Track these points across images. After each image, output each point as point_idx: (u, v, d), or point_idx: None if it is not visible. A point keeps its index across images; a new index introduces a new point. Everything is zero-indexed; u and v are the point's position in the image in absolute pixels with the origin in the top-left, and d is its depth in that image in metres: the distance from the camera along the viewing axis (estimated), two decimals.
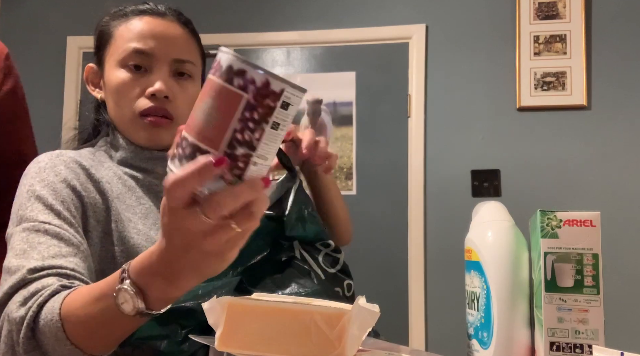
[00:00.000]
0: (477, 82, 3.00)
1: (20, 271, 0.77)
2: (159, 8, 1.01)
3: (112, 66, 0.98)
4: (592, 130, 2.88)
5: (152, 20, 0.98)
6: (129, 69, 0.96)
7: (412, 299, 2.95)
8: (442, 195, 2.98)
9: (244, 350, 0.55)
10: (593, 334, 0.74)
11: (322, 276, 0.91)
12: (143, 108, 0.95)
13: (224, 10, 3.24)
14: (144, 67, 0.96)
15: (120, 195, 0.95)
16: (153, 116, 0.96)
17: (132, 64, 0.96)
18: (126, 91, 0.96)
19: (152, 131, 0.97)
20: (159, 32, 0.97)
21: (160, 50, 0.97)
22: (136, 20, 0.98)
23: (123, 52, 0.96)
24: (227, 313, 0.55)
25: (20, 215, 0.85)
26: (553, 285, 0.76)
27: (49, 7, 3.44)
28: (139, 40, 0.96)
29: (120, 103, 0.97)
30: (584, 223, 0.76)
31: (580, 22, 2.90)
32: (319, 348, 0.53)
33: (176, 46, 0.98)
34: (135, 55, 0.96)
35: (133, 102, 0.96)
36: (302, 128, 1.00)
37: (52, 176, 0.89)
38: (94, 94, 1.05)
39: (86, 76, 1.05)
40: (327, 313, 0.54)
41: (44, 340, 0.71)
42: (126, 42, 0.97)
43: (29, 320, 0.71)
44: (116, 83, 0.97)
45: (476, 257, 0.85)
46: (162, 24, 0.98)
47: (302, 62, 3.21)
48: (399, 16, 3.11)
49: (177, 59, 0.98)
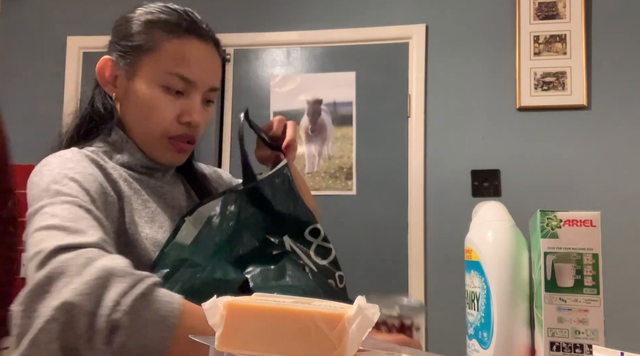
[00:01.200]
0: (477, 82, 3.00)
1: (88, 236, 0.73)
2: (205, 28, 1.00)
3: (148, 81, 0.96)
4: (592, 130, 2.88)
5: (199, 45, 0.98)
6: (165, 90, 0.95)
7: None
8: (442, 195, 2.98)
9: (244, 350, 0.55)
10: (593, 334, 0.74)
11: (315, 270, 0.92)
12: (175, 133, 0.97)
13: (224, 10, 3.24)
14: (181, 89, 0.96)
15: (126, 198, 0.93)
16: (182, 142, 0.98)
17: (174, 89, 0.96)
18: (159, 112, 0.96)
19: (177, 155, 1.00)
20: (204, 62, 0.98)
21: (203, 80, 0.98)
22: (186, 43, 0.96)
23: (167, 75, 0.95)
24: (227, 313, 0.56)
25: (55, 190, 0.81)
26: (553, 285, 0.76)
27: (49, 7, 3.44)
28: (186, 67, 0.96)
29: (149, 121, 0.96)
30: (584, 223, 0.76)
31: (580, 22, 2.90)
32: (319, 348, 0.53)
33: (214, 75, 1.00)
34: (179, 81, 0.96)
35: (164, 124, 0.96)
36: (302, 128, 1.02)
37: (80, 167, 0.88)
38: (106, 90, 1.00)
39: (101, 69, 1.00)
40: (327, 314, 0.54)
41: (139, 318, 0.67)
42: (173, 65, 0.95)
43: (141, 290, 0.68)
44: (150, 101, 0.95)
45: (476, 257, 0.85)
46: (207, 51, 0.99)
47: (302, 62, 3.21)
48: (399, 16, 3.11)
49: (211, 88, 1.00)
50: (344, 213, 3.01)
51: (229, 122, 3.19)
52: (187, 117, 0.97)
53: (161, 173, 1.02)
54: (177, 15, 0.98)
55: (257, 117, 1.05)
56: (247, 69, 3.25)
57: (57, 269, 0.68)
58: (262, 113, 3.15)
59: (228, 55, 3.23)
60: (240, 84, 3.23)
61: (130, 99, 0.98)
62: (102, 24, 3.49)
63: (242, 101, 3.19)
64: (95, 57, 1.02)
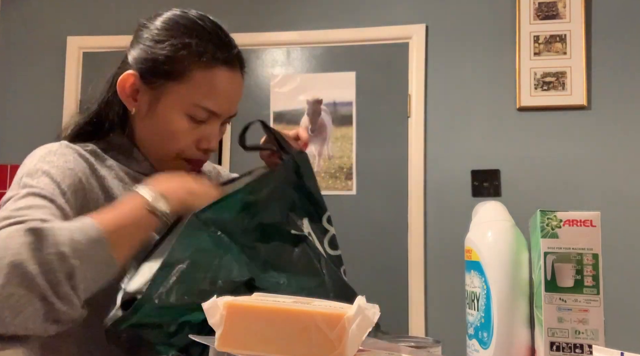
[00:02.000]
0: (477, 82, 3.00)
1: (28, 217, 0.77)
2: (235, 54, 0.99)
3: (173, 107, 0.95)
4: (592, 130, 2.88)
5: (229, 75, 0.97)
6: (191, 120, 0.96)
7: (412, 299, 2.95)
8: (442, 195, 2.98)
9: (244, 350, 0.55)
10: (593, 334, 0.74)
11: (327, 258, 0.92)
12: (191, 157, 0.99)
13: (224, 10, 3.24)
14: (204, 120, 0.97)
15: (116, 196, 0.94)
16: (196, 165, 1.01)
17: (199, 119, 0.96)
18: (179, 137, 0.96)
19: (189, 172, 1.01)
20: (231, 94, 0.99)
21: (227, 111, 0.99)
22: (216, 74, 0.95)
23: (194, 107, 0.95)
24: (227, 313, 0.56)
25: (24, 183, 0.85)
26: (553, 285, 0.76)
27: (49, 7, 3.44)
28: (214, 101, 0.96)
29: (167, 143, 0.97)
30: (584, 223, 0.76)
31: (580, 22, 2.90)
32: (319, 348, 0.53)
33: (237, 104, 1.01)
34: (204, 113, 0.96)
35: (181, 147, 0.97)
36: (302, 129, 1.01)
37: (61, 161, 0.90)
38: (126, 103, 0.98)
39: (124, 84, 0.97)
40: (327, 314, 0.54)
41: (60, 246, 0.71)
42: (201, 97, 0.95)
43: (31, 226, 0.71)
44: (172, 126, 0.96)
45: (476, 257, 0.85)
46: (234, 81, 0.99)
47: (302, 62, 3.21)
48: (399, 16, 3.11)
49: (232, 115, 1.01)
50: (344, 213, 3.01)
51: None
52: (206, 143, 0.98)
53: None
54: (210, 42, 0.95)
55: (257, 117, 1.04)
56: (247, 69, 3.23)
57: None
58: (262, 113, 3.15)
59: None
60: None
61: (151, 119, 0.97)
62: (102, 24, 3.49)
63: (242, 101, 3.19)
64: (95, 57, 1.03)
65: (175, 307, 0.75)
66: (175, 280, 0.75)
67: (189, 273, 0.77)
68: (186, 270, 0.76)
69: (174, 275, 0.76)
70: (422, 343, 0.74)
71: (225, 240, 0.82)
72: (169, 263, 0.76)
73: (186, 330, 0.75)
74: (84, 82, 3.29)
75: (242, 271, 0.81)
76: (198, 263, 0.78)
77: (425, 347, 0.73)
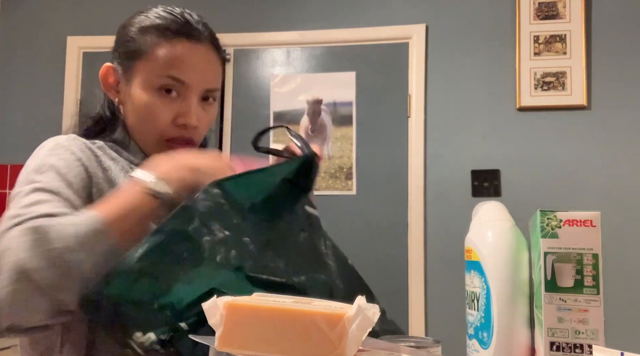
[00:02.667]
0: (477, 82, 3.00)
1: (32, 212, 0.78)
2: (198, 29, 0.99)
3: (142, 85, 0.97)
4: (592, 130, 2.88)
5: (191, 46, 0.98)
6: (161, 93, 0.96)
7: (412, 299, 2.95)
8: (442, 195, 2.98)
9: (244, 350, 0.55)
10: (593, 334, 0.74)
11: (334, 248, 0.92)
12: (171, 136, 0.98)
13: (224, 10, 3.24)
14: (175, 91, 0.97)
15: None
16: (179, 144, 0.99)
17: (165, 89, 0.96)
18: (155, 116, 0.97)
19: None
20: (197, 63, 0.98)
21: (197, 81, 0.98)
22: (176, 45, 0.97)
23: (159, 78, 0.96)
24: (227, 313, 0.56)
25: (31, 178, 0.86)
26: (553, 285, 0.76)
27: (49, 7, 3.44)
28: (177, 68, 0.96)
29: (147, 125, 0.98)
30: (584, 223, 0.76)
31: (580, 22, 2.90)
32: (319, 348, 0.53)
33: (210, 76, 1.00)
34: (172, 82, 0.96)
35: (160, 127, 0.97)
36: (302, 128, 1.01)
37: (67, 154, 0.91)
38: (109, 95, 1.03)
39: (104, 76, 1.02)
40: (327, 314, 0.54)
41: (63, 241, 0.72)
42: (163, 67, 0.96)
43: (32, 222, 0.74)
44: (146, 105, 0.97)
45: (476, 257, 0.85)
46: (200, 52, 0.98)
47: (302, 62, 3.21)
48: (399, 16, 3.11)
49: (208, 89, 1.00)
50: (344, 213, 3.01)
51: (228, 121, 3.19)
52: (182, 119, 0.97)
53: None
54: (171, 19, 0.99)
55: (257, 117, 1.05)
56: (247, 69, 3.25)
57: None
58: (262, 113, 3.15)
59: (228, 55, 3.23)
60: (240, 84, 3.23)
61: (130, 103, 0.99)
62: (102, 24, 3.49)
63: (242, 101, 3.19)
64: (95, 57, 1.04)
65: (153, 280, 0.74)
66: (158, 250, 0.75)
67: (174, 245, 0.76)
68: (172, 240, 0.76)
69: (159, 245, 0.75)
70: (422, 343, 0.74)
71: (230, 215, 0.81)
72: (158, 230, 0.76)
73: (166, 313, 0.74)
74: (84, 82, 3.30)
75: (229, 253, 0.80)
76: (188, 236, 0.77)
77: (425, 347, 0.73)
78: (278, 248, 0.84)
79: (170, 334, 0.73)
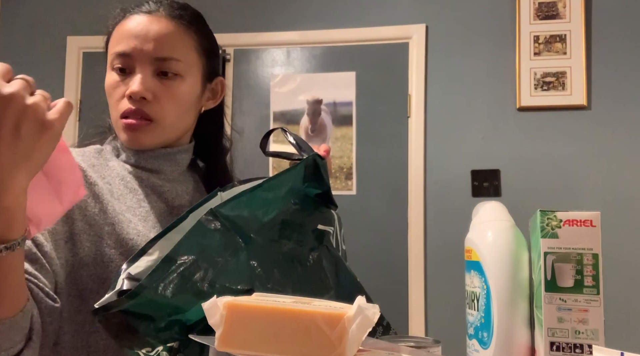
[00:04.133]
0: (477, 82, 3.00)
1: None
2: (151, 4, 0.98)
3: (107, 68, 0.98)
4: (592, 130, 2.88)
5: (138, 18, 0.95)
6: (116, 72, 0.95)
7: (412, 299, 2.95)
8: (442, 195, 2.98)
9: (244, 350, 0.55)
10: (593, 334, 0.74)
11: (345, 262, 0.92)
12: (122, 110, 0.94)
13: (224, 10, 3.24)
14: (127, 68, 0.94)
15: (120, 197, 0.94)
16: (132, 118, 0.93)
17: (117, 67, 0.95)
18: (112, 93, 0.95)
19: (130, 133, 0.94)
20: (139, 31, 0.93)
21: (139, 50, 0.93)
22: (125, 23, 0.96)
23: (111, 56, 0.96)
24: (227, 313, 0.56)
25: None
26: (553, 285, 0.76)
27: (49, 7, 3.44)
28: (121, 42, 0.94)
29: (110, 106, 0.97)
30: (584, 223, 0.76)
31: (580, 22, 2.90)
32: (319, 348, 0.53)
33: (158, 43, 0.93)
34: (118, 58, 0.94)
35: (117, 104, 0.95)
36: (302, 128, 1.01)
37: None
38: None
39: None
40: (327, 314, 0.54)
41: None
42: (114, 45, 0.96)
43: None
44: (106, 86, 0.97)
45: (476, 257, 0.86)
46: (145, 22, 0.94)
47: (302, 62, 3.21)
48: (399, 16, 3.11)
49: (158, 57, 0.93)
50: (344, 213, 3.00)
51: (228, 121, 3.19)
52: (127, 90, 0.93)
53: (165, 173, 1.01)
54: (133, 4, 0.99)
55: (257, 117, 1.05)
56: (247, 69, 3.25)
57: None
58: (262, 113, 3.15)
59: (228, 55, 3.23)
60: (240, 84, 3.23)
61: None
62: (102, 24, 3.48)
63: (242, 101, 3.19)
64: (95, 57, 1.04)
65: (169, 303, 0.74)
66: (175, 276, 0.75)
67: (190, 272, 0.76)
68: (187, 267, 0.76)
69: (175, 270, 0.75)
70: (422, 343, 0.74)
71: (235, 242, 0.80)
72: (171, 258, 0.75)
73: (175, 329, 0.74)
74: (84, 82, 3.30)
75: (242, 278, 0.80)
76: (201, 262, 0.77)
77: (425, 347, 0.73)
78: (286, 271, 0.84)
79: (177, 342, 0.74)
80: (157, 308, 0.73)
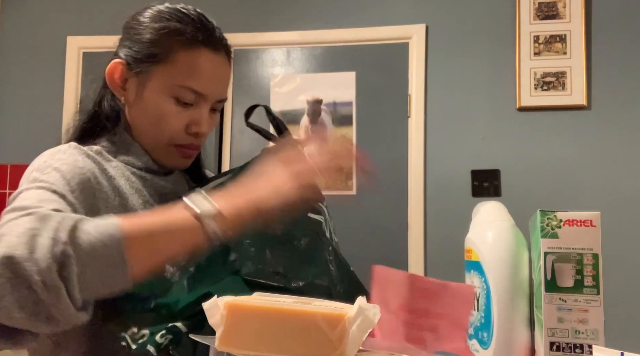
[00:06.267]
0: (477, 82, 3.00)
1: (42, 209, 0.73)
2: (218, 38, 0.99)
3: (159, 90, 0.96)
4: (592, 130, 2.88)
5: (212, 57, 0.97)
6: (176, 102, 0.96)
7: None
8: (442, 195, 2.98)
9: (244, 350, 0.55)
10: (593, 334, 0.74)
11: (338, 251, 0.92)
12: (182, 142, 0.98)
13: (224, 10, 3.24)
14: (190, 101, 0.97)
15: (130, 195, 0.94)
16: (189, 149, 0.99)
17: (184, 102, 0.96)
18: (168, 122, 0.96)
19: (183, 160, 1.01)
20: (216, 75, 0.98)
21: (212, 93, 0.98)
22: (196, 55, 0.95)
23: (178, 88, 0.95)
24: (227, 313, 0.56)
25: (34, 177, 0.83)
26: (553, 285, 0.76)
27: (49, 7, 3.44)
28: (196, 80, 0.95)
29: (157, 129, 0.97)
30: (584, 223, 0.76)
31: (580, 22, 2.90)
32: (319, 348, 0.53)
33: (224, 87, 1.01)
34: (190, 94, 0.96)
35: (172, 133, 0.97)
36: (302, 128, 1.02)
37: (70, 160, 0.89)
38: (115, 93, 1.00)
39: (111, 72, 0.99)
40: (327, 314, 0.54)
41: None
42: (185, 78, 0.95)
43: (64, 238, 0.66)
44: (160, 110, 0.96)
45: (476, 257, 0.86)
46: (219, 63, 0.98)
47: (302, 62, 3.21)
48: (399, 16, 3.11)
49: (220, 99, 1.01)
50: (344, 213, 3.01)
51: (228, 121, 3.20)
52: (195, 128, 0.98)
53: (165, 173, 1.02)
54: (191, 25, 0.97)
55: (257, 117, 1.05)
56: (247, 69, 3.25)
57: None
58: (262, 113, 3.15)
59: None
60: (240, 84, 3.23)
61: (140, 105, 0.98)
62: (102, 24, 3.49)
63: (242, 101, 3.19)
64: (95, 57, 1.03)
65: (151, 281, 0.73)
66: None
67: None
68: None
69: None
70: None
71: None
72: None
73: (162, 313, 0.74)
74: (84, 82, 3.29)
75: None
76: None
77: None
78: (278, 252, 0.84)
79: (168, 338, 0.73)
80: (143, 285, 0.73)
